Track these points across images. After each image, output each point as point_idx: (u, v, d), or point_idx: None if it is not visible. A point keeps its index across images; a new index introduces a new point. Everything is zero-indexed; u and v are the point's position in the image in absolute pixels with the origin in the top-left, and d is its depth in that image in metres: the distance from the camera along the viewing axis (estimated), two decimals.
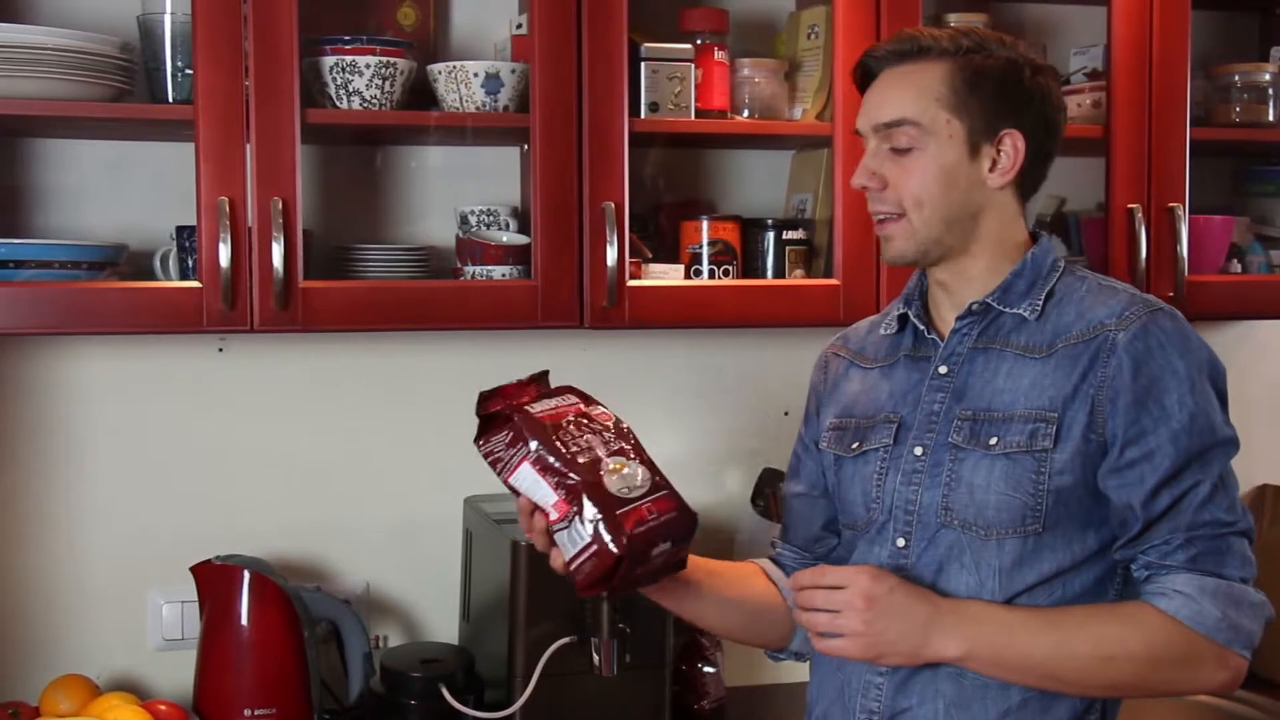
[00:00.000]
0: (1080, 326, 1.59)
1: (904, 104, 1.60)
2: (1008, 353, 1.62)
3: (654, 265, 2.30)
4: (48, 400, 2.29)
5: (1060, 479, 1.55)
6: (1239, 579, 1.53)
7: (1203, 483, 1.53)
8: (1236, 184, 2.79)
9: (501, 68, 2.18)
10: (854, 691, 1.65)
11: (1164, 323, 1.56)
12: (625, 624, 2.07)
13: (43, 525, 2.30)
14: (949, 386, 1.64)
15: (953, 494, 1.59)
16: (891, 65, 1.63)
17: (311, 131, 2.10)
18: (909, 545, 1.61)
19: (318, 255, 2.23)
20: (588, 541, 1.54)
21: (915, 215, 1.61)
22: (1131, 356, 1.54)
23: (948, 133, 1.60)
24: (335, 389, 2.41)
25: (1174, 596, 1.51)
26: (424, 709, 2.15)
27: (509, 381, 1.67)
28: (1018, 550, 1.56)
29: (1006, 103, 1.61)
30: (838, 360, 1.82)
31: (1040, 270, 1.65)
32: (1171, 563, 1.53)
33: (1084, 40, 2.60)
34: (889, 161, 1.62)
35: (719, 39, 2.32)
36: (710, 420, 2.56)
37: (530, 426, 1.59)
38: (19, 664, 2.27)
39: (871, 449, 1.68)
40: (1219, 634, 1.51)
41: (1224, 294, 2.49)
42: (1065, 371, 1.57)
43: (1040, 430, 1.55)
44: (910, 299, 1.73)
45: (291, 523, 2.38)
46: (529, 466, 1.58)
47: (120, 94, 2.08)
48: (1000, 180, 1.62)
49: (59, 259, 2.06)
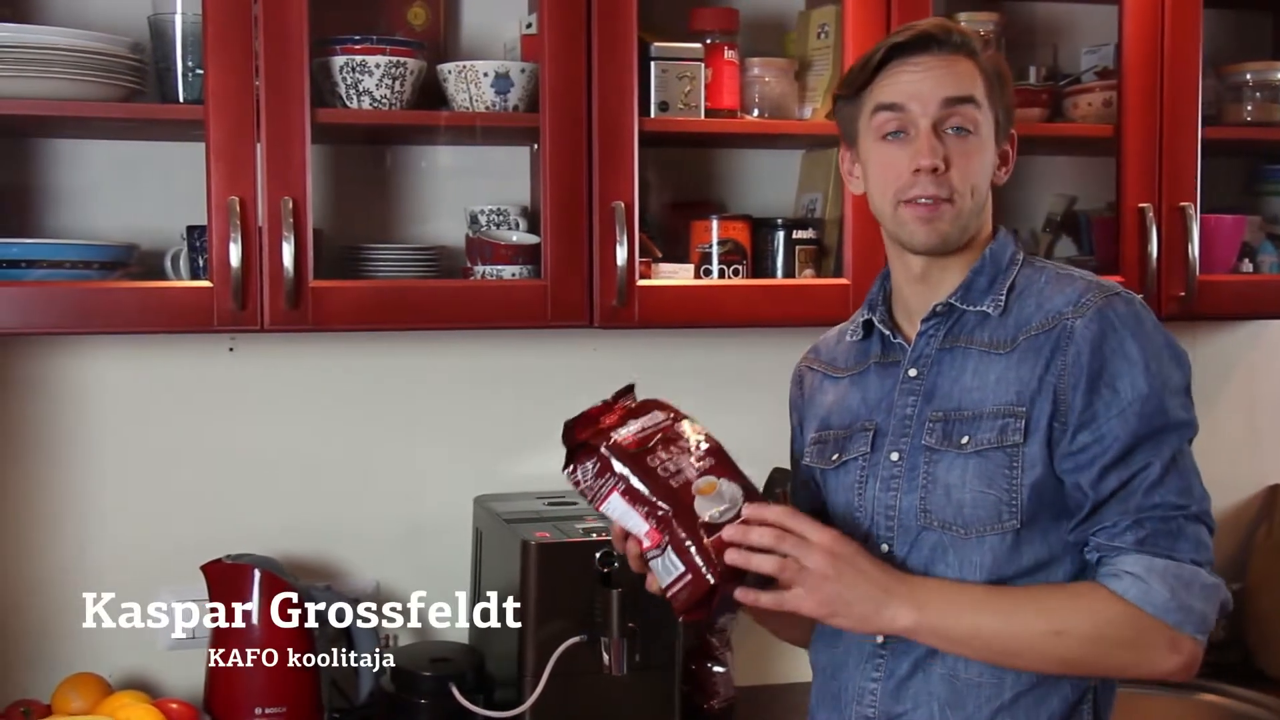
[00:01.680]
0: (1040, 317, 1.58)
1: (968, 81, 1.59)
2: (973, 350, 1.61)
3: (664, 265, 2.30)
4: (59, 400, 2.30)
5: (1033, 472, 1.55)
6: (1190, 561, 1.51)
7: (1153, 464, 1.52)
8: (1248, 183, 2.78)
9: (511, 67, 2.18)
10: (849, 698, 1.65)
11: (1119, 307, 1.56)
12: (635, 623, 2.07)
13: (54, 524, 2.30)
14: (919, 389, 1.64)
15: (930, 496, 1.59)
16: (930, 51, 1.59)
17: (322, 131, 2.11)
18: (893, 550, 1.61)
19: (328, 255, 2.23)
20: (681, 571, 1.52)
21: (964, 201, 1.59)
22: (1088, 342, 1.54)
23: (992, 117, 1.61)
24: (345, 388, 2.41)
25: (1123, 577, 1.50)
26: (434, 708, 2.15)
27: (593, 404, 1.64)
28: (999, 546, 1.56)
29: (1012, 108, 1.66)
30: (811, 374, 1.82)
31: (1000, 265, 1.64)
32: (1120, 544, 1.51)
33: (1095, 39, 2.59)
34: (950, 143, 1.58)
35: (729, 38, 2.32)
36: (719, 420, 2.54)
37: (618, 456, 1.56)
38: (31, 662, 2.28)
39: (850, 459, 1.68)
40: (1168, 615, 1.49)
41: (1235, 294, 2.49)
42: (1029, 364, 1.56)
43: (1010, 425, 1.55)
44: (874, 304, 1.72)
45: (302, 522, 2.38)
46: (618, 497, 1.56)
47: (131, 94, 2.09)
48: (1004, 177, 1.66)
49: (70, 259, 2.06)
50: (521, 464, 2.46)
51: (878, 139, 1.62)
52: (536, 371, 2.49)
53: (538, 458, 2.47)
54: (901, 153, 1.59)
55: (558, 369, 2.49)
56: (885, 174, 1.62)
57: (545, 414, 2.47)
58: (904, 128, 1.59)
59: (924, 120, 1.58)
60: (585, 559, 2.09)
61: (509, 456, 2.47)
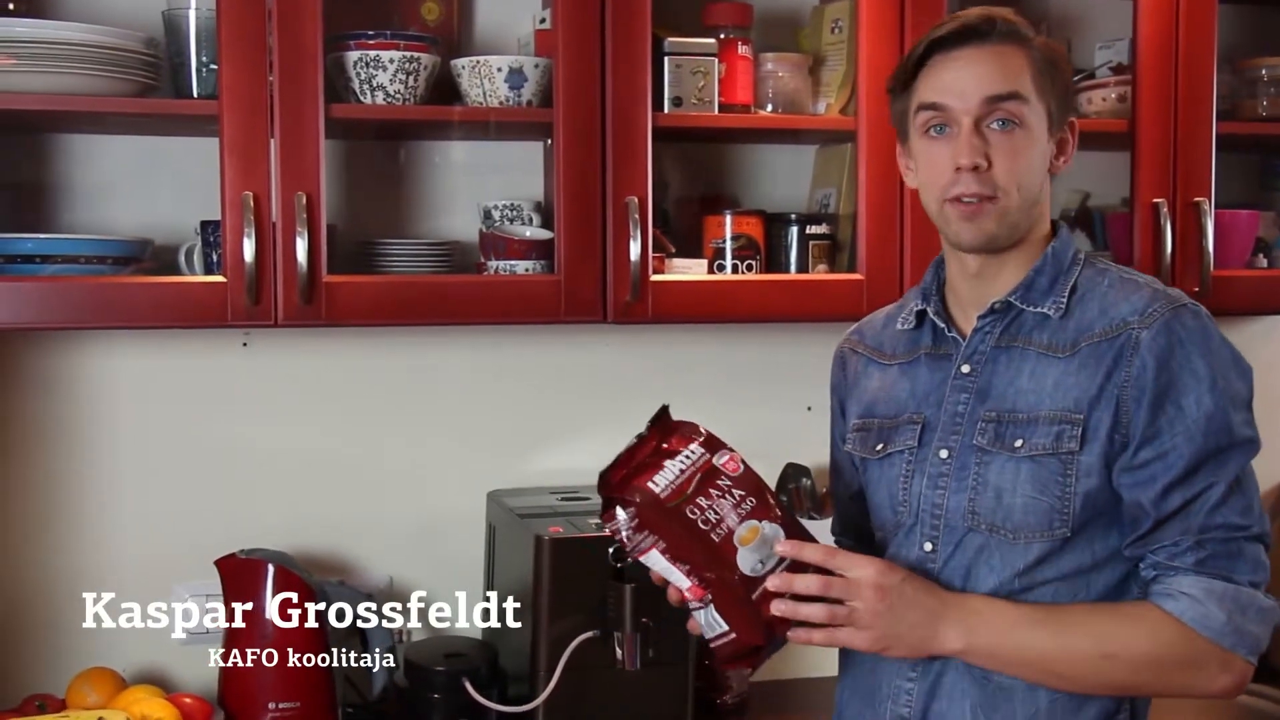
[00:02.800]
0: (1103, 324, 1.56)
1: (1013, 78, 1.55)
2: (1030, 351, 1.59)
3: (677, 260, 2.30)
4: (73, 394, 2.30)
5: (1088, 481, 1.53)
6: (1249, 583, 1.51)
7: (1217, 484, 1.50)
8: (1263, 179, 2.77)
9: (525, 62, 2.18)
10: (884, 696, 1.64)
11: (1187, 320, 1.53)
12: (648, 619, 2.07)
13: (67, 519, 2.31)
14: (972, 387, 1.61)
15: (979, 498, 1.57)
16: (974, 43, 1.56)
17: (335, 126, 2.11)
18: (936, 550, 1.60)
19: (341, 250, 2.23)
20: (725, 630, 1.52)
21: (1010, 197, 1.56)
22: (1154, 355, 1.51)
23: (1042, 108, 1.57)
24: (359, 383, 2.41)
25: (1180, 598, 1.49)
26: (447, 703, 2.15)
27: (629, 445, 1.59)
28: (1044, 552, 1.55)
29: (1069, 92, 1.62)
30: (855, 357, 1.80)
31: (1061, 265, 1.62)
32: (1180, 564, 1.51)
33: (1110, 34, 2.58)
34: (994, 139, 1.55)
35: (743, 33, 2.31)
36: (732, 415, 2.53)
37: (657, 510, 1.52)
38: (45, 658, 2.29)
39: (896, 451, 1.66)
40: (1224, 639, 1.48)
41: (1249, 289, 2.48)
42: (1090, 371, 1.54)
43: (1066, 432, 1.53)
44: (928, 294, 1.69)
45: (315, 517, 2.39)
46: (658, 554, 1.53)
47: (145, 89, 2.09)
48: (1063, 167, 1.62)
49: (85, 254, 2.06)
50: (535, 459, 2.47)
51: (922, 135, 1.60)
52: (550, 367, 2.49)
53: (551, 453, 2.48)
54: (945, 150, 1.57)
55: (571, 364, 2.49)
56: (930, 171, 1.60)
57: (558, 409, 2.50)
58: (947, 123, 1.57)
59: (966, 118, 1.55)
60: (598, 554, 2.09)
61: (522, 451, 2.47)
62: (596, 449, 2.44)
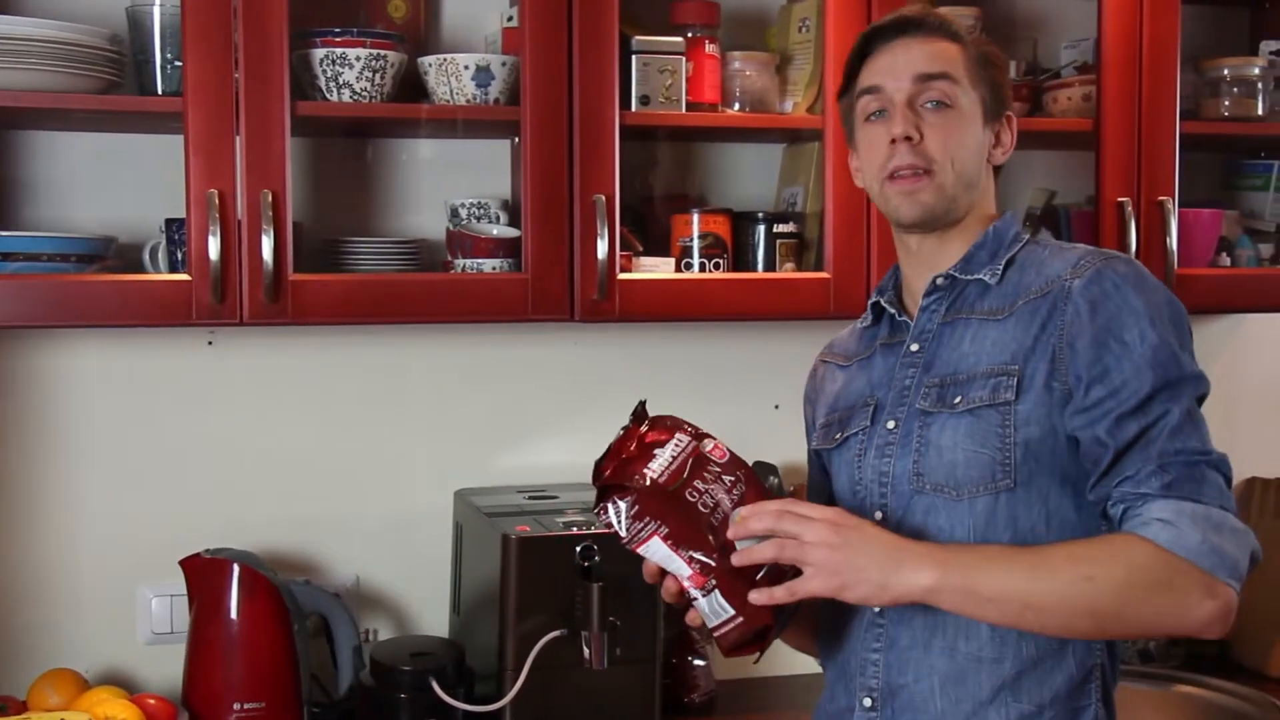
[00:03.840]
0: (1039, 283, 1.59)
1: (944, 62, 1.63)
2: (973, 319, 1.63)
3: (645, 258, 2.30)
4: (36, 393, 2.28)
5: (1027, 430, 1.54)
6: (1219, 506, 1.48)
7: (1172, 411, 1.49)
8: (1226, 178, 2.79)
9: (492, 60, 2.18)
10: (853, 670, 1.64)
11: (1119, 266, 1.56)
12: (615, 617, 2.07)
13: (31, 518, 2.29)
14: (920, 362, 1.65)
15: (923, 459, 1.59)
16: (907, 34, 1.64)
17: (301, 124, 2.10)
18: (886, 517, 1.60)
19: (307, 248, 2.22)
20: (732, 614, 1.51)
21: (944, 172, 1.62)
22: (1087, 300, 1.53)
23: (975, 96, 1.64)
24: (325, 382, 2.40)
25: (1152, 523, 1.46)
26: (414, 702, 2.14)
27: (612, 442, 1.58)
28: (990, 508, 1.54)
29: (1004, 90, 1.69)
30: (824, 366, 1.84)
31: (1002, 240, 1.66)
32: (1146, 489, 1.48)
33: (1074, 33, 2.60)
34: (927, 116, 1.62)
35: (710, 32, 2.32)
36: (700, 414, 2.54)
37: (656, 497, 1.52)
38: (7, 658, 2.27)
39: (851, 434, 1.69)
40: (1202, 558, 1.44)
41: (1213, 287, 2.49)
42: (1025, 325, 1.57)
43: (1002, 384, 1.55)
44: (884, 289, 1.75)
45: (281, 516, 2.38)
46: (659, 541, 1.52)
47: (109, 86, 2.07)
48: (1001, 158, 1.69)
49: (47, 252, 2.05)
50: (502, 458, 2.46)
51: (863, 124, 1.67)
52: (517, 365, 2.48)
53: (519, 451, 2.47)
54: (881, 129, 1.64)
55: (538, 362, 2.49)
56: (870, 154, 1.66)
57: (526, 407, 2.50)
58: (884, 107, 1.64)
59: (899, 95, 1.62)
60: (566, 553, 2.09)
61: (490, 450, 2.46)
62: (564, 448, 2.47)
